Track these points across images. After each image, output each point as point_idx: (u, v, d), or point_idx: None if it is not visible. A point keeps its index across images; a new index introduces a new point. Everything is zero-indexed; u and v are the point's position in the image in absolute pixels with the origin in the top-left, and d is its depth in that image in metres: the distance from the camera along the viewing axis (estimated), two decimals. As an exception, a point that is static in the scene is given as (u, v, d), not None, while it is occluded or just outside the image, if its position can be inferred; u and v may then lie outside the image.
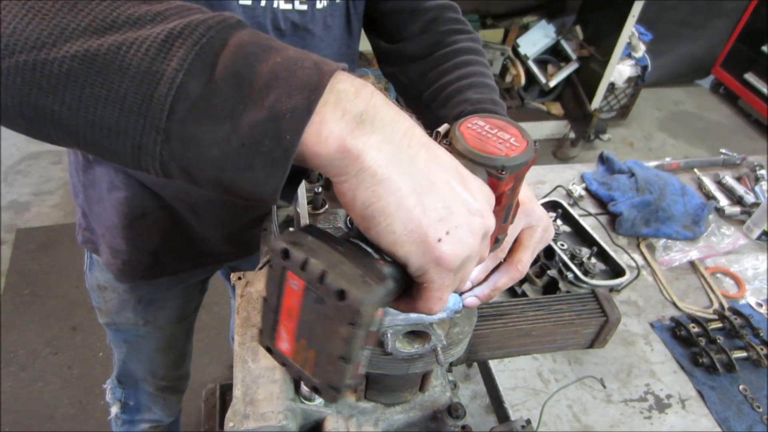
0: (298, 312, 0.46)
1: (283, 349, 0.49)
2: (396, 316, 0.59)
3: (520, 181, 0.54)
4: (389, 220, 0.43)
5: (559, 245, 1.22)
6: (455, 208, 0.45)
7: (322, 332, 0.45)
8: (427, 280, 0.46)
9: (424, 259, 0.44)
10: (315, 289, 0.43)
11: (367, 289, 0.42)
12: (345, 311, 0.42)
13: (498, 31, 3.87)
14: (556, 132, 4.04)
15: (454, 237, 0.44)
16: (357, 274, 0.42)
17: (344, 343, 0.43)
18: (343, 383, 0.46)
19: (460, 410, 0.72)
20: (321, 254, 0.43)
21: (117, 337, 1.32)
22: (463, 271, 0.48)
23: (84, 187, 1.06)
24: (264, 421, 0.69)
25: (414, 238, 0.43)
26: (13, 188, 3.14)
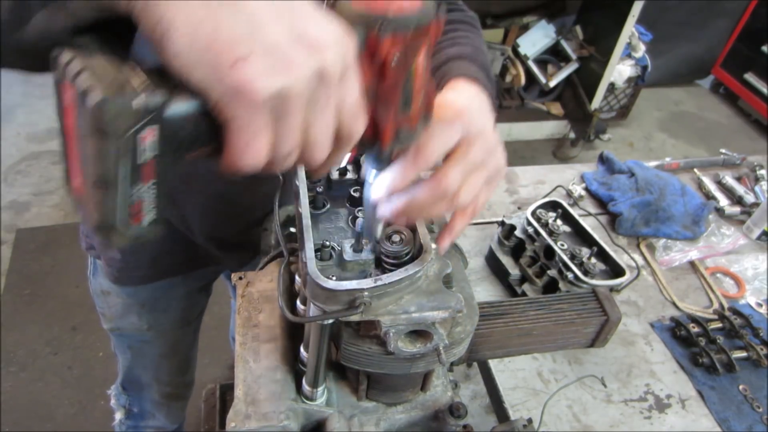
0: (74, 131, 0.39)
1: (75, 187, 0.42)
2: (398, 316, 0.59)
3: (413, 50, 0.45)
4: (175, 38, 0.36)
5: (559, 245, 1.22)
6: (266, 29, 0.37)
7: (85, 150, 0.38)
8: (227, 116, 0.38)
9: (219, 86, 0.37)
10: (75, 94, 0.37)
11: (115, 89, 0.35)
12: (88, 115, 0.35)
13: (498, 31, 3.87)
14: (556, 132, 4.04)
15: (257, 61, 0.37)
16: (117, 79, 0.36)
17: (95, 160, 0.37)
18: (108, 221, 0.39)
19: (462, 410, 0.72)
20: (92, 60, 0.37)
21: (121, 343, 1.32)
22: (287, 116, 0.39)
23: None
24: (266, 421, 0.69)
25: (203, 58, 0.36)
26: (13, 188, 3.13)
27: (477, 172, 0.58)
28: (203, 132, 0.40)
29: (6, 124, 3.53)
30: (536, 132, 4.02)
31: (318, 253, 0.62)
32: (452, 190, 0.55)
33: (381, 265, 0.63)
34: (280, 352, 0.77)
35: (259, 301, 0.84)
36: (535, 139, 4.05)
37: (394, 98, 0.47)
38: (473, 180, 0.57)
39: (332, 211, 0.71)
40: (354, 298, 0.57)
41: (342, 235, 0.68)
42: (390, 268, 0.62)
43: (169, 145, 0.39)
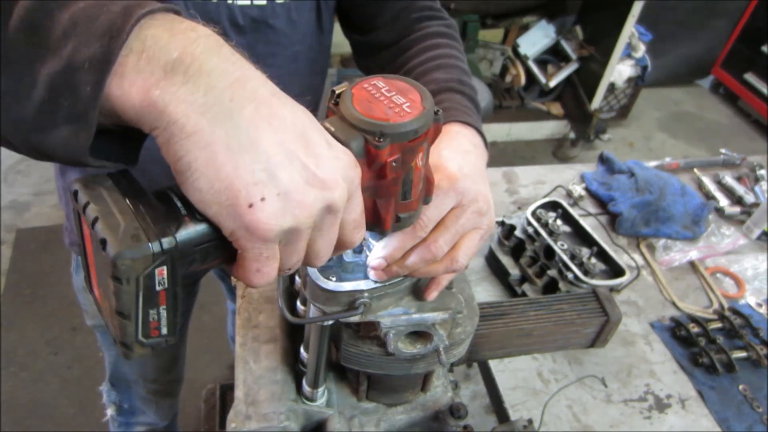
0: (93, 257, 0.43)
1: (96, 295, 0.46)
2: (398, 317, 0.60)
3: (412, 154, 0.47)
4: (195, 176, 0.39)
5: (559, 245, 1.22)
6: (281, 174, 0.40)
7: (106, 281, 0.41)
8: (240, 248, 0.42)
9: (234, 223, 0.40)
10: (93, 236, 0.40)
11: (128, 242, 0.38)
12: (107, 263, 0.39)
13: (498, 31, 3.87)
14: (556, 132, 4.04)
15: (271, 205, 0.39)
16: (130, 226, 0.39)
17: (114, 298, 0.40)
18: (130, 340, 0.43)
19: (462, 410, 0.73)
20: (106, 201, 0.40)
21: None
22: (292, 245, 0.43)
23: (64, 190, 1.06)
24: (266, 421, 0.69)
25: (222, 199, 0.39)
26: (13, 188, 3.13)
27: (472, 234, 0.62)
28: (213, 252, 0.43)
29: (6, 124, 3.53)
30: (536, 132, 4.02)
31: (318, 253, 0.62)
32: (441, 253, 0.59)
33: (381, 266, 0.63)
34: (280, 353, 0.77)
35: (259, 302, 0.84)
36: (535, 139, 4.05)
37: (394, 193, 0.50)
38: (468, 242, 0.61)
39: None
40: (354, 299, 0.57)
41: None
42: (390, 269, 0.62)
43: (182, 269, 0.42)
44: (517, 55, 3.88)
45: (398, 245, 0.58)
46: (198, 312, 1.46)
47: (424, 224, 0.57)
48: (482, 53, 3.84)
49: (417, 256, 0.58)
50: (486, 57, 3.87)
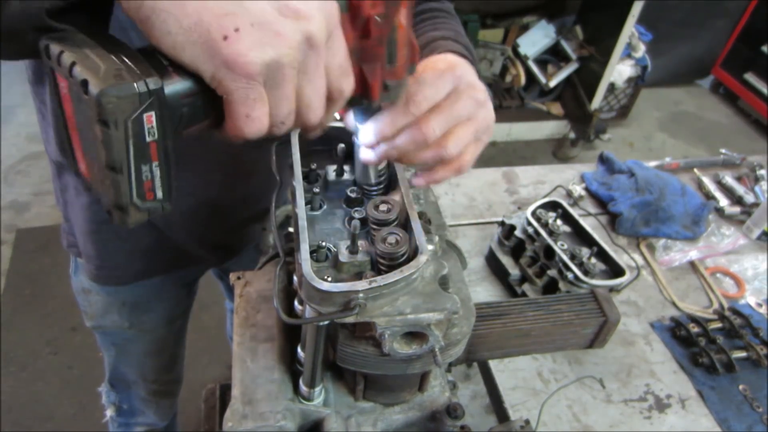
0: (74, 119, 0.41)
1: (83, 171, 0.44)
2: (393, 317, 0.59)
3: (394, 7, 0.46)
4: (162, 17, 0.37)
5: (559, 245, 1.22)
6: (252, 3, 0.38)
7: (92, 139, 0.39)
8: (225, 92, 0.40)
9: (212, 63, 0.38)
10: (72, 86, 0.38)
11: (111, 80, 0.36)
12: (91, 108, 0.37)
13: (498, 31, 3.87)
14: (556, 132, 4.04)
15: (247, 34, 0.37)
16: (110, 67, 0.37)
17: (103, 147, 0.38)
18: (125, 200, 0.41)
19: (459, 410, 0.72)
20: (81, 50, 0.38)
21: (105, 340, 1.32)
22: (279, 85, 0.41)
23: (60, 192, 1.06)
24: (262, 420, 0.69)
25: (194, 37, 0.37)
26: (13, 188, 3.13)
27: (466, 124, 0.58)
28: (201, 107, 0.42)
29: (6, 124, 3.54)
30: (536, 132, 4.02)
31: (314, 254, 0.62)
32: (433, 136, 0.56)
33: (376, 267, 0.63)
34: (278, 352, 0.77)
35: (257, 301, 0.84)
36: (535, 139, 4.04)
37: (380, 54, 0.48)
38: (461, 132, 0.58)
39: (329, 211, 0.71)
40: (349, 299, 0.57)
41: (338, 236, 0.68)
42: (385, 270, 0.61)
43: (171, 124, 0.40)
44: (517, 55, 3.88)
45: (389, 120, 0.55)
46: (197, 312, 1.46)
47: (418, 101, 0.54)
48: (482, 53, 3.84)
49: (407, 135, 0.56)
50: (486, 57, 3.87)
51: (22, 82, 3.77)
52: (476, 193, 1.59)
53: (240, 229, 1.18)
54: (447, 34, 0.78)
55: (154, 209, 0.44)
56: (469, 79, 0.58)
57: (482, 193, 1.59)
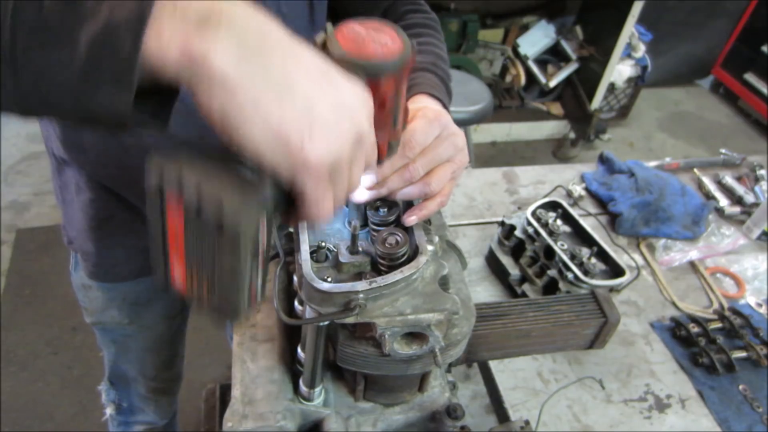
0: (183, 234, 0.44)
1: (178, 282, 0.48)
2: (394, 318, 0.59)
3: (401, 83, 0.54)
4: (247, 125, 0.41)
5: (559, 245, 1.22)
6: (319, 108, 0.43)
7: (209, 251, 0.43)
8: (301, 187, 0.45)
9: (291, 165, 0.43)
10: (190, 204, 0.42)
11: (241, 201, 0.41)
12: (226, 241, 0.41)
13: (498, 31, 3.87)
14: (556, 132, 4.04)
15: (319, 135, 0.43)
16: (233, 185, 0.42)
17: (230, 264, 0.43)
18: (241, 303, 0.46)
19: (459, 411, 0.72)
20: (194, 167, 0.42)
21: (105, 337, 1.32)
22: (339, 176, 0.47)
23: (60, 189, 1.06)
24: (262, 421, 0.69)
25: (275, 142, 0.42)
26: (13, 188, 3.13)
27: (445, 165, 0.67)
28: (280, 206, 0.47)
29: (6, 124, 3.53)
30: (536, 132, 4.02)
31: (314, 254, 0.62)
32: (418, 175, 0.65)
33: (376, 267, 0.63)
34: (278, 353, 0.77)
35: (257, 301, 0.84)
36: (535, 139, 4.04)
37: (389, 122, 0.56)
38: (442, 172, 0.67)
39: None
40: (349, 300, 0.57)
41: (338, 236, 0.68)
42: (385, 270, 0.62)
43: (270, 224, 0.46)
44: (517, 55, 3.88)
45: (389, 164, 0.63)
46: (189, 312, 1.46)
47: (412, 146, 0.63)
48: (482, 53, 3.84)
49: (397, 176, 0.64)
50: (486, 57, 3.87)
51: (22, 82, 3.79)
52: (476, 193, 1.59)
53: None
54: (426, 62, 0.85)
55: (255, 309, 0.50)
56: (452, 128, 0.68)
57: (482, 193, 1.59)
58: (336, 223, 0.70)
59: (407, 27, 0.92)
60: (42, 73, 0.39)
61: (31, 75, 0.39)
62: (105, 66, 0.39)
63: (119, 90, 0.39)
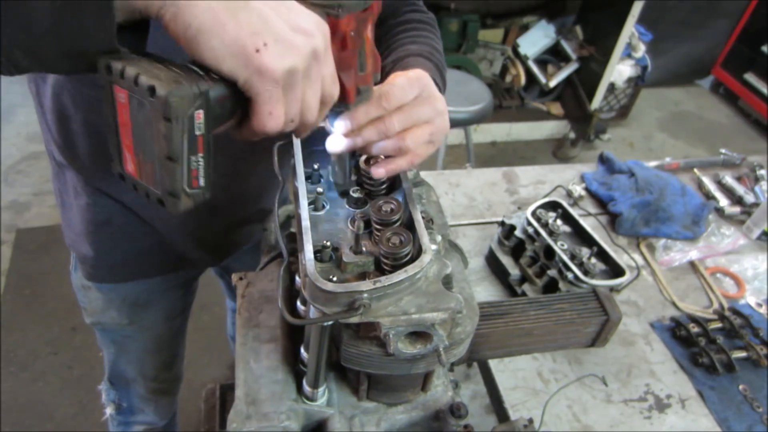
0: (130, 124, 0.49)
1: (129, 171, 0.53)
2: (398, 317, 0.60)
3: (363, 24, 0.57)
4: (206, 36, 0.46)
5: (559, 245, 1.22)
6: (273, 23, 0.48)
7: (150, 137, 0.48)
8: (254, 93, 0.49)
9: (246, 71, 0.48)
10: (135, 95, 0.47)
11: (176, 85, 0.46)
12: (157, 106, 0.45)
13: (498, 31, 3.87)
14: (556, 132, 4.04)
15: (273, 47, 0.48)
16: (169, 76, 0.46)
17: (165, 141, 0.47)
18: (179, 187, 0.50)
19: (462, 410, 0.72)
20: (140, 65, 0.47)
21: (105, 337, 1.32)
22: (295, 90, 0.51)
23: (60, 193, 1.07)
24: (266, 421, 0.69)
25: (233, 50, 0.47)
26: (13, 188, 3.13)
27: (423, 126, 0.69)
28: (230, 108, 0.51)
29: (6, 124, 3.53)
30: (536, 132, 4.02)
31: (317, 254, 0.62)
32: (393, 130, 0.66)
33: (380, 267, 0.63)
34: (281, 353, 0.77)
35: (260, 302, 0.84)
36: (535, 139, 4.05)
37: (353, 64, 0.59)
38: (419, 131, 0.68)
39: (332, 212, 0.71)
40: (353, 299, 0.57)
41: (342, 236, 0.68)
42: (389, 270, 0.62)
43: (211, 122, 0.49)
44: (517, 55, 3.88)
45: (364, 111, 0.65)
46: (198, 312, 1.46)
47: (389, 98, 0.65)
48: (482, 53, 3.84)
49: (372, 127, 0.66)
50: (486, 57, 3.87)
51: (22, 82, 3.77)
52: (476, 193, 1.59)
53: (238, 228, 1.19)
54: (422, 50, 0.86)
55: (198, 196, 0.52)
56: (433, 91, 0.70)
57: (482, 193, 1.59)
58: (339, 223, 0.70)
59: (405, 23, 0.93)
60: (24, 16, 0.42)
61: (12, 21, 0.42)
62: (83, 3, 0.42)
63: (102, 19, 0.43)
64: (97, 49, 0.46)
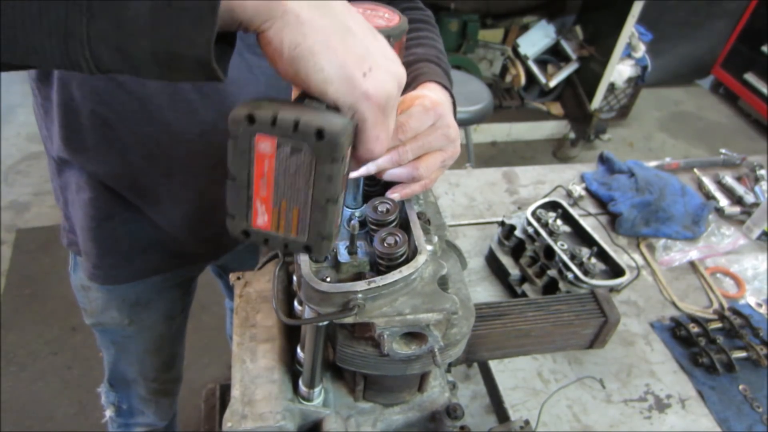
0: (273, 174, 0.47)
1: (261, 225, 0.50)
2: (393, 318, 0.59)
3: (402, 51, 0.62)
4: (316, 58, 0.46)
5: (559, 245, 1.22)
6: (373, 50, 0.49)
7: (304, 183, 0.47)
8: (361, 118, 0.50)
9: (353, 96, 0.48)
10: (289, 140, 0.45)
11: (337, 122, 0.45)
12: (325, 148, 0.44)
13: (498, 31, 3.87)
14: (556, 132, 4.04)
15: (376, 73, 0.49)
16: (323, 114, 0.46)
17: (329, 183, 0.46)
18: (333, 229, 0.49)
19: (459, 411, 0.72)
20: (285, 108, 0.46)
21: (105, 338, 1.32)
22: (390, 113, 0.52)
23: (61, 190, 1.07)
24: (262, 421, 0.69)
25: (342, 74, 0.47)
26: (13, 188, 3.13)
27: (436, 153, 0.70)
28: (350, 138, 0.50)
29: (6, 124, 3.54)
30: (536, 132, 4.02)
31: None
32: (406, 159, 0.67)
33: (375, 267, 0.63)
34: (278, 353, 0.77)
35: (257, 302, 0.84)
36: (535, 139, 4.04)
37: None
38: (431, 159, 0.69)
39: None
40: (348, 300, 0.57)
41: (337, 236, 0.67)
42: (384, 270, 0.61)
43: None
44: (517, 55, 3.87)
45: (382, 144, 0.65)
46: (197, 312, 1.46)
47: (405, 130, 0.66)
48: (482, 53, 3.84)
49: (387, 156, 0.66)
50: (486, 57, 3.87)
51: (22, 82, 3.79)
52: (476, 193, 1.59)
53: None
54: (429, 54, 0.88)
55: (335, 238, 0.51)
56: (448, 120, 0.71)
57: (482, 193, 1.59)
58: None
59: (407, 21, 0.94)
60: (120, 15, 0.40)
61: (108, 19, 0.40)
62: (188, 4, 0.40)
63: (201, 26, 0.41)
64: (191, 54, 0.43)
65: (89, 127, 0.90)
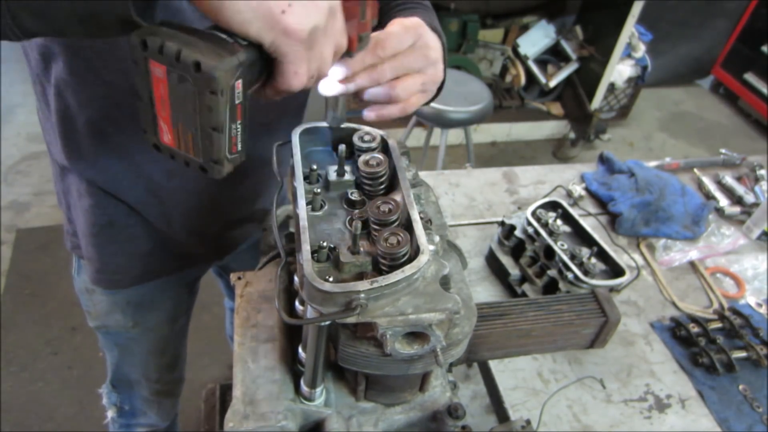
0: (168, 98, 0.51)
1: (167, 141, 0.54)
2: (395, 318, 0.59)
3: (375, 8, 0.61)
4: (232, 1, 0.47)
5: (559, 245, 1.22)
6: None
7: (192, 109, 0.50)
8: (280, 54, 0.51)
9: (273, 32, 0.49)
10: (175, 69, 0.48)
11: (217, 58, 0.47)
12: (203, 80, 0.47)
13: (498, 31, 3.87)
14: (556, 132, 4.04)
15: (296, 8, 0.49)
16: (209, 48, 0.48)
17: (210, 112, 0.49)
18: (222, 154, 0.52)
19: (460, 410, 0.72)
20: (175, 38, 0.48)
21: (108, 341, 1.32)
22: (316, 47, 0.53)
23: (63, 194, 1.07)
24: (263, 421, 0.69)
25: (259, 13, 0.48)
26: (13, 188, 3.13)
27: (415, 75, 0.69)
28: (258, 71, 0.53)
29: (6, 124, 3.53)
30: (536, 132, 4.02)
31: (315, 254, 0.62)
32: (385, 78, 0.67)
33: (378, 267, 0.63)
34: (279, 353, 0.77)
35: (258, 302, 0.84)
36: (535, 139, 4.05)
37: (356, 12, 0.60)
38: (410, 80, 0.69)
39: (330, 212, 0.71)
40: (350, 300, 0.57)
41: (339, 236, 0.68)
42: (386, 270, 0.62)
43: (246, 88, 0.51)
44: (517, 55, 3.88)
45: (359, 59, 0.65)
46: (198, 312, 1.46)
47: (384, 47, 0.66)
48: (482, 53, 3.84)
49: (365, 74, 0.66)
50: (486, 57, 3.87)
51: (22, 82, 3.78)
52: (476, 193, 1.59)
53: (238, 226, 1.19)
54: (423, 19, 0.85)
55: (236, 160, 0.54)
56: (427, 40, 0.69)
57: (482, 193, 1.59)
58: (337, 224, 0.70)
59: (402, 4, 0.93)
60: None
61: None
62: None
63: None
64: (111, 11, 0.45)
65: (86, 135, 0.90)
